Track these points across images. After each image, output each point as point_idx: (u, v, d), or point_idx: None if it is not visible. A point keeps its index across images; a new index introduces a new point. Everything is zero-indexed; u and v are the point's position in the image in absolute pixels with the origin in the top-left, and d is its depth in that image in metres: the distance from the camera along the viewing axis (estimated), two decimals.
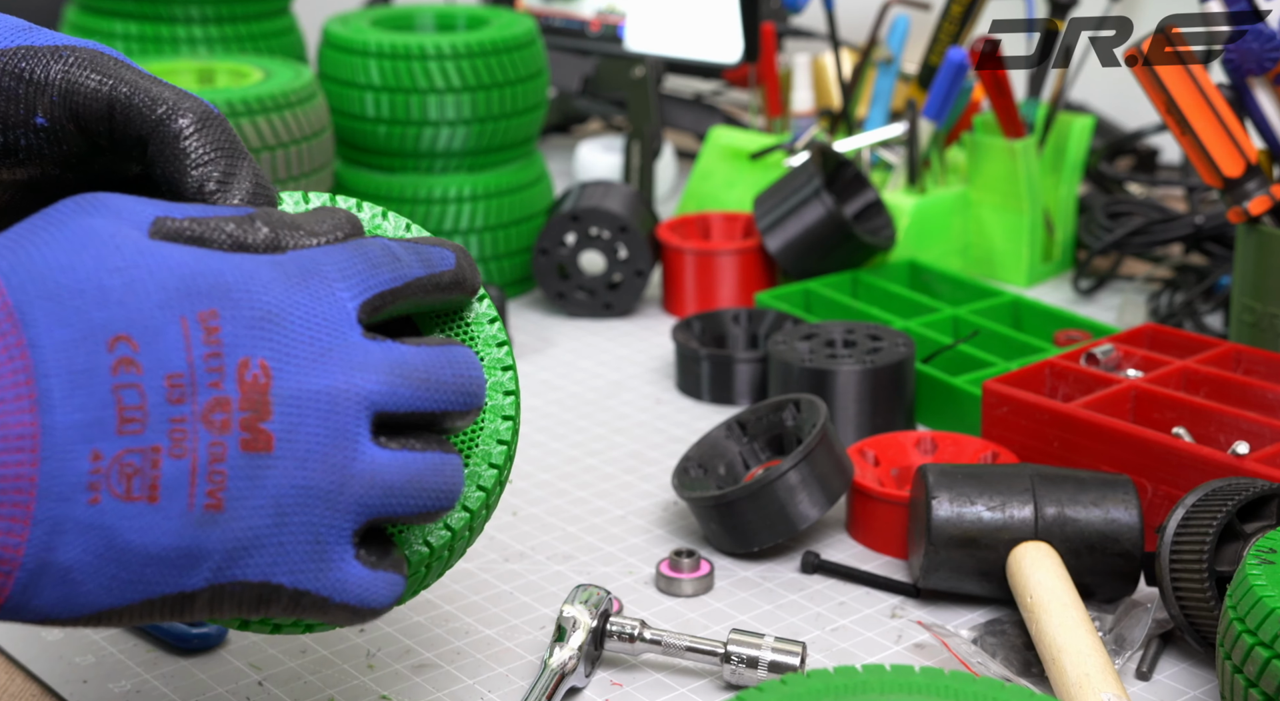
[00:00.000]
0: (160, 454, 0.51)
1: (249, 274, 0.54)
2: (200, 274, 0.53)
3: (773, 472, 0.86)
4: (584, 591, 0.78)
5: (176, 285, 0.52)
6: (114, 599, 0.52)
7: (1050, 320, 1.12)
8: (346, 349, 0.55)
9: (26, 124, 0.61)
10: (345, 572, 0.55)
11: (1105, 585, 0.82)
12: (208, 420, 0.51)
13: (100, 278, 0.51)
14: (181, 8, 1.36)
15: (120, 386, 0.50)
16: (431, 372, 0.57)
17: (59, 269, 0.51)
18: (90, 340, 0.50)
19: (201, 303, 0.52)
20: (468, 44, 1.22)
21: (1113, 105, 1.58)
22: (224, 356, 0.52)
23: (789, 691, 0.59)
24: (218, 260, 0.54)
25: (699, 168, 1.40)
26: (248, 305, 0.53)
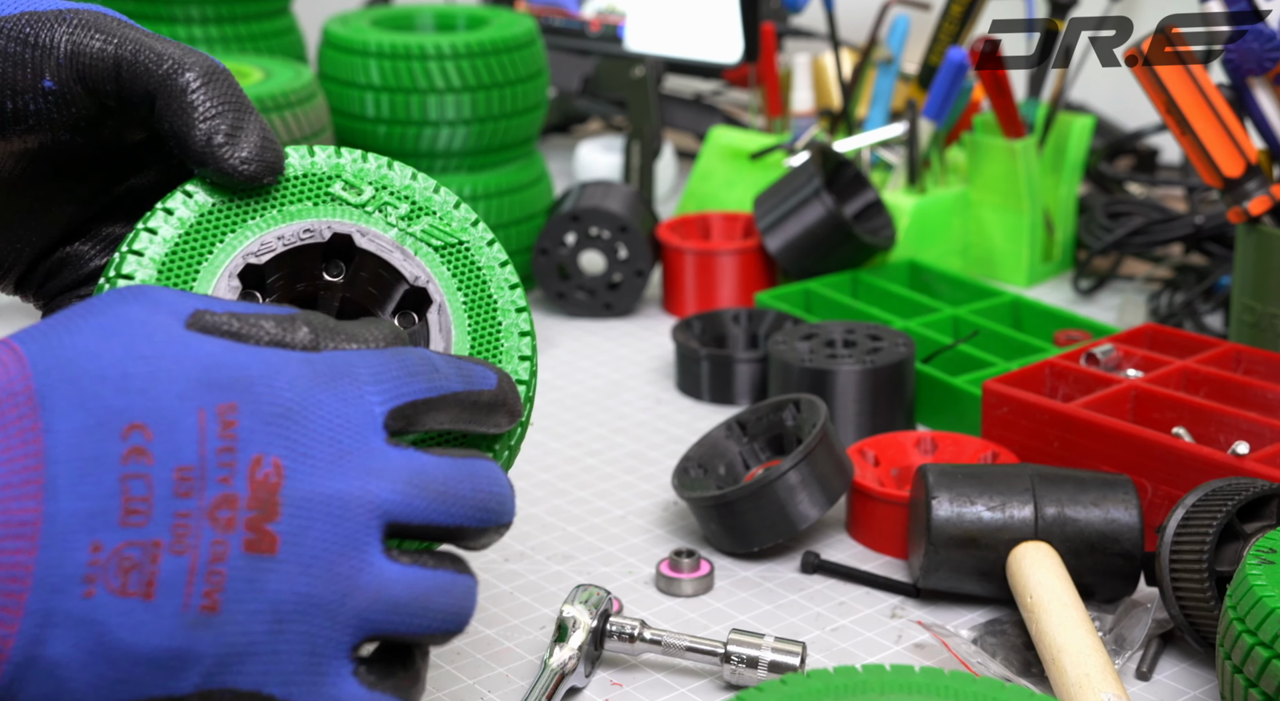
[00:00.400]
0: (160, 549, 0.49)
1: (275, 369, 0.52)
2: (226, 365, 0.52)
3: (773, 472, 0.86)
4: (584, 591, 0.78)
5: (200, 375, 0.51)
6: (101, 697, 0.50)
7: (1050, 320, 1.12)
8: (366, 454, 0.53)
9: (34, 88, 0.61)
10: (340, 689, 0.53)
11: (1105, 585, 0.82)
12: (213, 517, 0.50)
13: (125, 365, 0.50)
14: (181, 8, 1.36)
15: (128, 476, 0.49)
16: (450, 485, 0.54)
17: (85, 355, 0.50)
18: (104, 427, 0.49)
19: (222, 395, 0.51)
20: (468, 44, 1.22)
21: (1113, 105, 1.58)
22: (237, 452, 0.50)
23: (789, 691, 0.59)
24: (247, 354, 0.52)
25: (699, 168, 1.40)
26: (269, 400, 0.52)
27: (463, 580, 0.55)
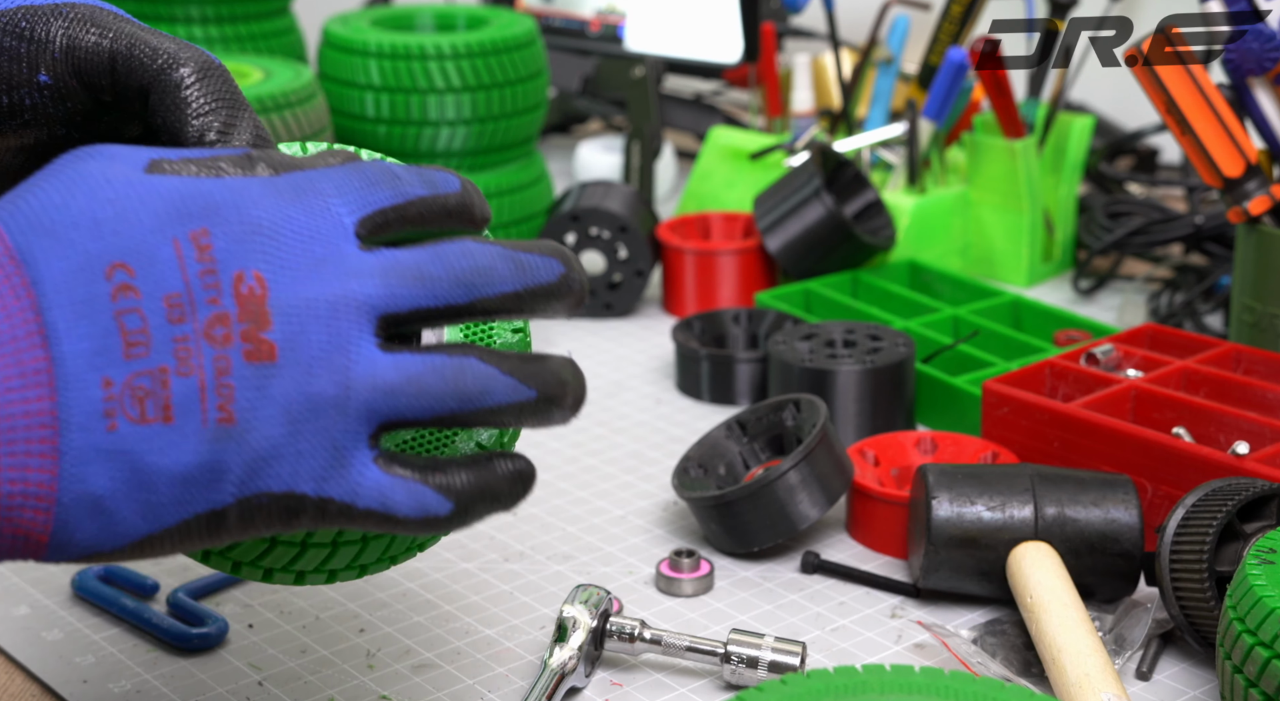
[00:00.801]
0: (168, 374, 0.51)
1: (239, 191, 0.54)
2: (190, 196, 0.53)
3: (773, 472, 0.86)
4: (584, 591, 0.78)
5: (167, 209, 0.52)
6: (151, 524, 0.52)
7: (1050, 320, 1.12)
8: (341, 258, 0.54)
9: (30, 82, 0.62)
10: (364, 476, 0.54)
11: (1105, 585, 0.82)
12: (210, 336, 0.52)
13: (94, 210, 0.52)
14: (181, 8, 1.36)
15: (122, 312, 0.51)
16: (424, 268, 0.56)
17: (54, 208, 0.51)
18: (88, 270, 0.50)
19: (192, 223, 0.52)
20: (468, 44, 1.22)
21: (1113, 105, 1.58)
22: (218, 273, 0.52)
23: (789, 691, 0.59)
24: (210, 184, 0.54)
25: (699, 168, 1.40)
26: (238, 220, 0.53)
27: (457, 361, 0.56)
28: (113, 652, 0.80)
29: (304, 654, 0.80)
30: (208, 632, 0.80)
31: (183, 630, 0.80)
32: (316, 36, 1.37)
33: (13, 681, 0.79)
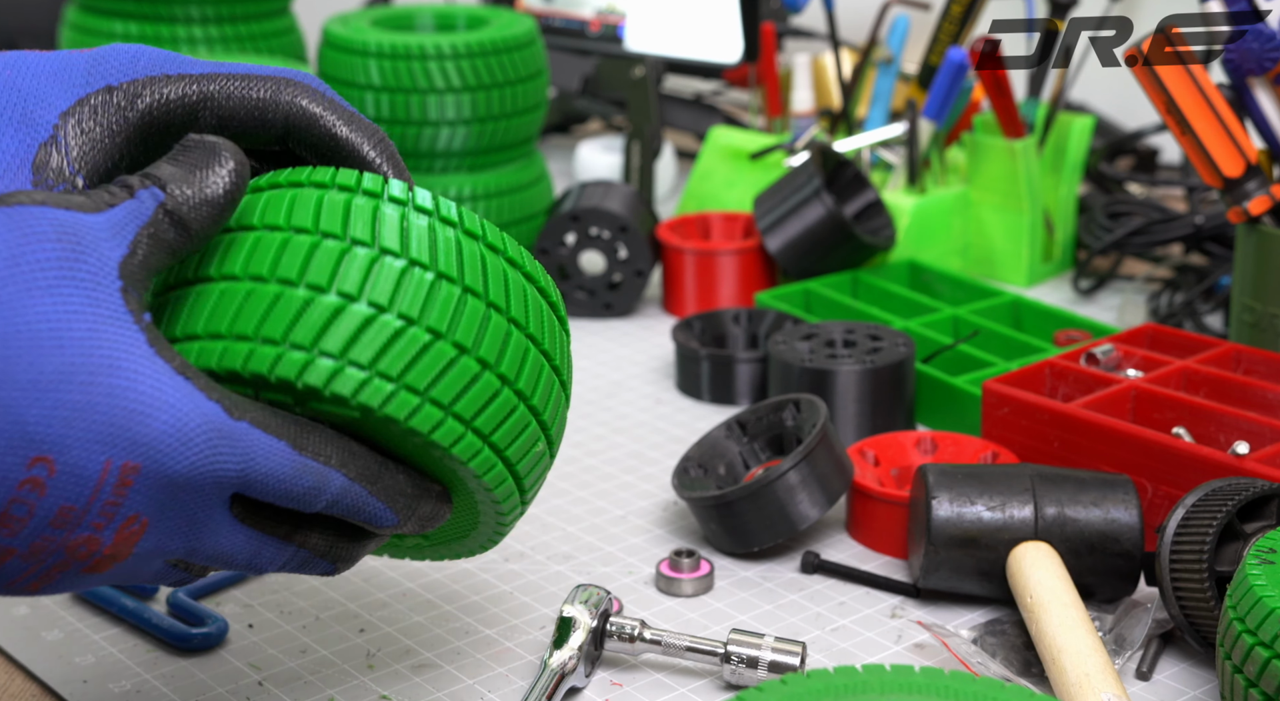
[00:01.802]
0: (12, 556, 0.53)
1: (182, 438, 0.55)
2: (145, 418, 0.54)
3: (773, 472, 0.86)
4: (584, 591, 0.78)
5: (121, 426, 0.53)
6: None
7: (1050, 320, 1.12)
8: (214, 526, 0.58)
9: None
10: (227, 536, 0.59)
11: (1105, 585, 0.82)
12: (71, 549, 0.54)
13: (58, 383, 0.52)
14: (181, 8, 1.36)
15: (15, 500, 0.52)
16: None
17: (19, 357, 0.52)
18: (14, 452, 0.51)
19: (133, 453, 0.53)
20: (468, 44, 1.22)
21: (1113, 105, 1.58)
22: (121, 508, 0.54)
23: (789, 691, 0.59)
24: (163, 408, 0.55)
25: (699, 168, 1.40)
26: (165, 473, 0.55)
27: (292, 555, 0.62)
28: (113, 652, 0.80)
29: (304, 654, 0.80)
30: (208, 632, 0.80)
31: (183, 630, 0.80)
32: (316, 36, 1.37)
33: (13, 681, 0.79)
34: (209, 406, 0.55)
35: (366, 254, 0.60)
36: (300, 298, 0.59)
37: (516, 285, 0.64)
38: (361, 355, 0.59)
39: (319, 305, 0.59)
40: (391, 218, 0.61)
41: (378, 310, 0.59)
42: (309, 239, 0.60)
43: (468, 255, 0.62)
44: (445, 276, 0.61)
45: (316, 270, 0.59)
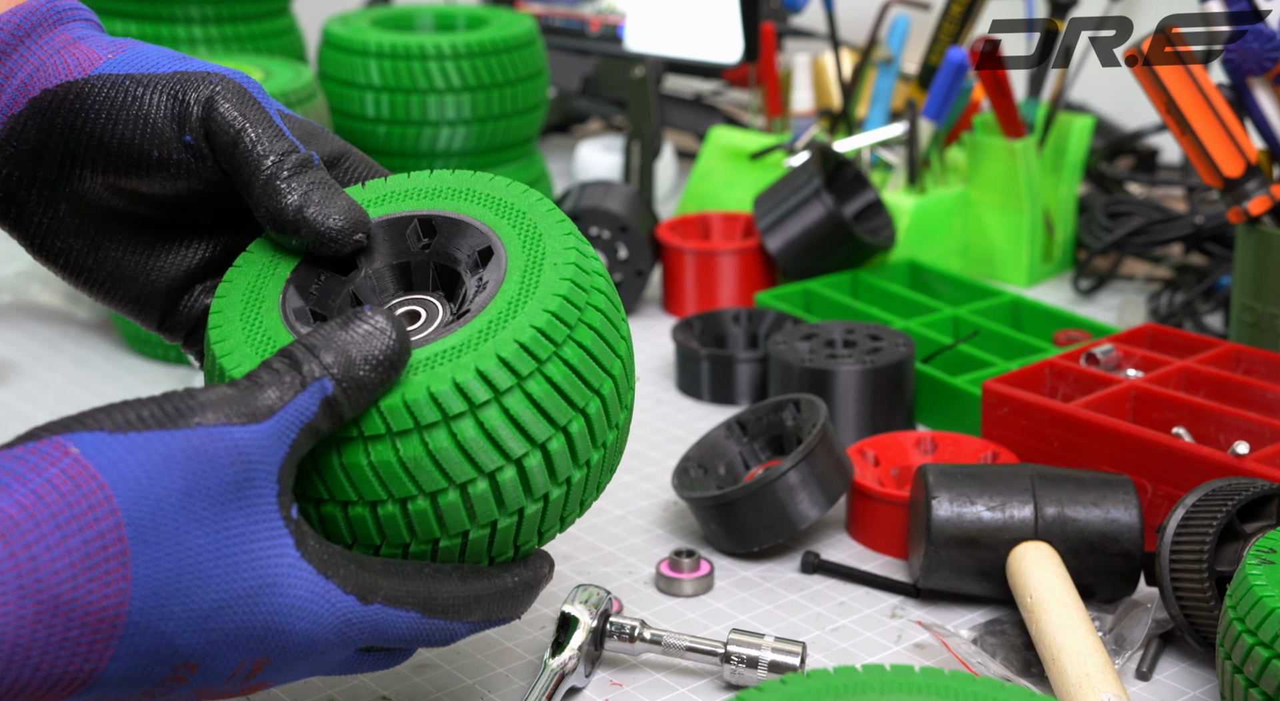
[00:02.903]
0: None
1: (314, 641, 0.59)
2: (281, 634, 0.58)
3: (773, 472, 0.86)
4: (584, 591, 0.78)
5: (258, 637, 0.57)
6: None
7: (1050, 320, 1.12)
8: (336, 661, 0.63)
9: (178, 141, 0.66)
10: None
11: (1105, 585, 0.82)
12: (201, 693, 0.59)
13: (210, 610, 0.56)
14: (181, 8, 1.36)
15: (156, 690, 0.56)
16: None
17: (180, 593, 0.55)
18: (160, 664, 0.55)
19: (265, 651, 0.58)
20: (468, 44, 1.22)
21: (1113, 105, 1.58)
22: (250, 681, 0.59)
23: (789, 691, 0.59)
24: (303, 621, 0.59)
25: (699, 168, 1.40)
26: (295, 655, 0.59)
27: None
28: None
29: None
30: None
31: None
32: (316, 36, 1.37)
33: None
34: (344, 602, 0.59)
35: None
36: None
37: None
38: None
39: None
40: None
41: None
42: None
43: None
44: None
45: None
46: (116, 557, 0.53)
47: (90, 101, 0.66)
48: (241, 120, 0.66)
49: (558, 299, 0.63)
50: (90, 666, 0.53)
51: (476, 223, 0.67)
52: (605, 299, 0.66)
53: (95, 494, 0.53)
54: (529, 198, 0.68)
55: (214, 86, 0.66)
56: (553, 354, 0.62)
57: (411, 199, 0.69)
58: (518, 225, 0.67)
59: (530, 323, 0.62)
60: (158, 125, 0.66)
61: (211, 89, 0.66)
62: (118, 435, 0.54)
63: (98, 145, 0.66)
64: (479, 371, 0.61)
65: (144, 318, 0.73)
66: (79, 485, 0.53)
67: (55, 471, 0.53)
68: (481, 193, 0.69)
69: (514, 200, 0.68)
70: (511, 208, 0.68)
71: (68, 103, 0.66)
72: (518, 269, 0.64)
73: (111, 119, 0.66)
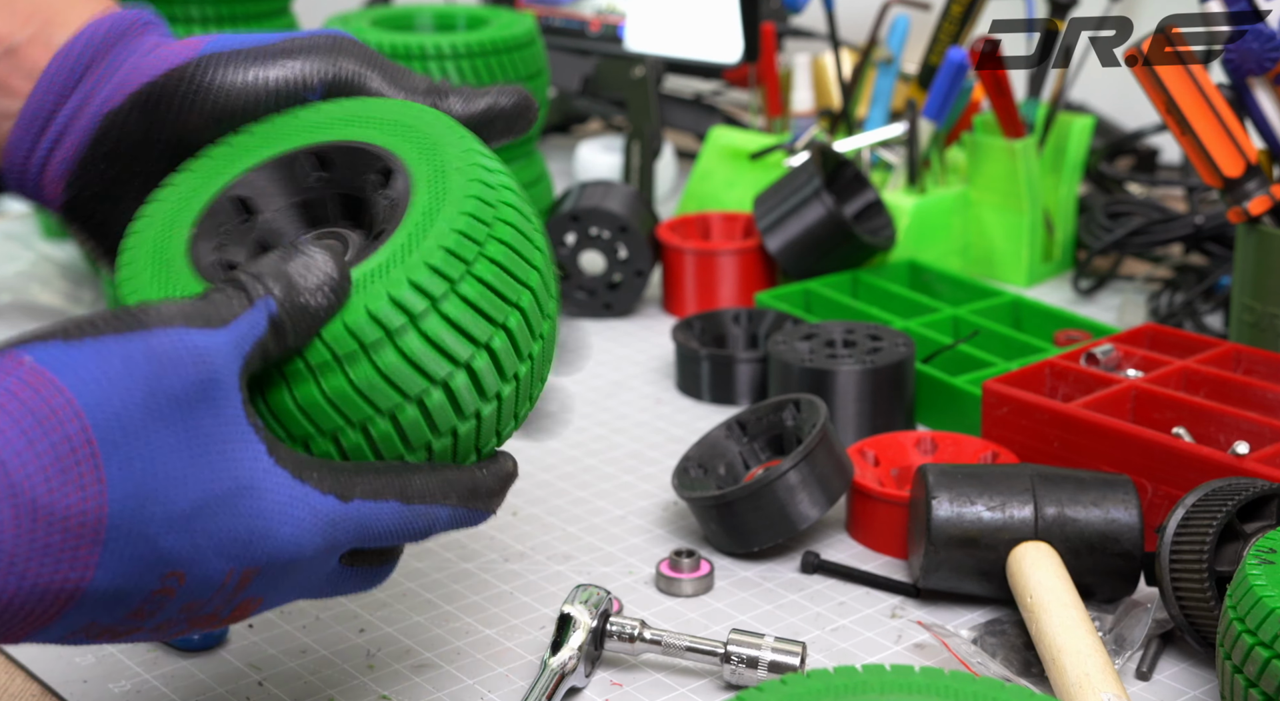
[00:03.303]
0: (140, 632, 0.58)
1: (306, 557, 0.59)
2: (268, 540, 0.58)
3: (773, 472, 0.86)
4: (584, 591, 0.78)
5: (245, 543, 0.57)
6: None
7: (1050, 320, 1.12)
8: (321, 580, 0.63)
9: (301, 99, 0.69)
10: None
11: (1105, 585, 0.82)
12: (192, 624, 0.59)
13: (194, 510, 0.56)
14: (181, 8, 1.36)
15: (147, 607, 0.56)
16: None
17: (158, 497, 0.55)
18: (150, 572, 0.55)
19: (254, 560, 0.58)
20: (468, 44, 1.22)
21: (1113, 105, 1.58)
22: (240, 596, 0.58)
23: (789, 691, 0.59)
24: (293, 534, 0.59)
25: (699, 168, 1.40)
26: (284, 574, 0.59)
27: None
28: (113, 652, 0.80)
29: (304, 654, 0.80)
30: (208, 632, 0.79)
31: None
32: None
33: (13, 681, 0.79)
34: (324, 503, 0.59)
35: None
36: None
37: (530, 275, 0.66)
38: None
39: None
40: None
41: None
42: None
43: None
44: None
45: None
46: (88, 460, 0.52)
47: (204, 79, 0.67)
48: (369, 66, 0.68)
49: (471, 200, 0.63)
50: (76, 574, 0.53)
51: (369, 146, 0.67)
52: (515, 196, 0.66)
53: (55, 397, 0.52)
54: (422, 113, 0.68)
55: (332, 40, 0.68)
56: (478, 254, 0.63)
57: (299, 134, 0.68)
58: (413, 140, 0.66)
59: (451, 227, 0.62)
60: (279, 83, 0.67)
61: (332, 41, 0.68)
62: (73, 343, 0.54)
63: (216, 117, 0.67)
64: (411, 282, 0.61)
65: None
66: (37, 391, 0.52)
67: (11, 380, 0.52)
68: (372, 116, 0.68)
69: (407, 118, 0.68)
70: (405, 126, 0.67)
71: (178, 87, 0.67)
72: (423, 180, 0.64)
73: (228, 89, 0.67)
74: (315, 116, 0.68)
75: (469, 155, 0.65)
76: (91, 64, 0.68)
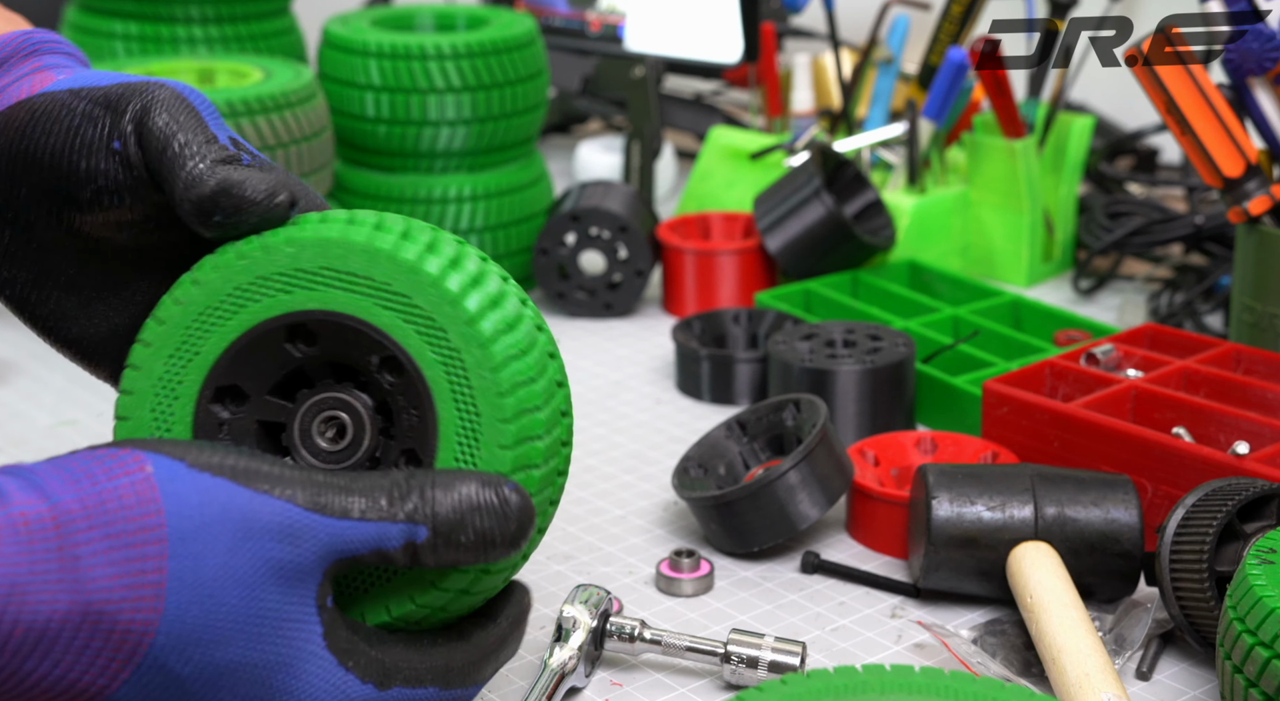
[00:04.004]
0: None
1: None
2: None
3: (773, 472, 0.86)
4: (584, 591, 0.78)
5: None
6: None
7: (1050, 320, 1.12)
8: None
9: (106, 148, 0.65)
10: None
11: (1105, 585, 0.82)
12: None
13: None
14: (181, 8, 1.36)
15: None
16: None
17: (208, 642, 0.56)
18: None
19: None
20: (468, 44, 1.22)
21: (1113, 105, 1.58)
22: None
23: (789, 691, 0.59)
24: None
25: (699, 168, 1.40)
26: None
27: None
28: None
29: None
30: None
31: None
32: (316, 36, 1.37)
33: None
34: (360, 691, 0.60)
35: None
36: None
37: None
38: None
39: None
40: None
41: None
42: None
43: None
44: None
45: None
46: (153, 586, 0.54)
47: (31, 117, 0.65)
48: (174, 126, 0.64)
49: (511, 431, 0.63)
50: (104, 682, 0.54)
51: (363, 324, 0.63)
52: (557, 362, 0.66)
53: (152, 516, 0.54)
54: (397, 266, 0.63)
55: (151, 94, 0.65)
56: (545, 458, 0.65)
57: (270, 295, 0.64)
58: (415, 322, 0.63)
59: (509, 457, 0.63)
60: (86, 134, 0.65)
61: (148, 96, 0.64)
62: (194, 471, 0.55)
63: (34, 160, 0.65)
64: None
65: (94, 366, 0.71)
66: (142, 502, 0.54)
67: (125, 481, 0.54)
68: (343, 271, 0.64)
69: (397, 283, 0.63)
70: (389, 291, 0.64)
71: (16, 121, 0.65)
72: (447, 403, 0.63)
73: (45, 131, 0.65)
74: (283, 261, 0.64)
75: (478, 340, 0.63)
76: None
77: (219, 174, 0.63)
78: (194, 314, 0.64)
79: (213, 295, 0.64)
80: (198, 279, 0.65)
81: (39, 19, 0.80)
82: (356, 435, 0.64)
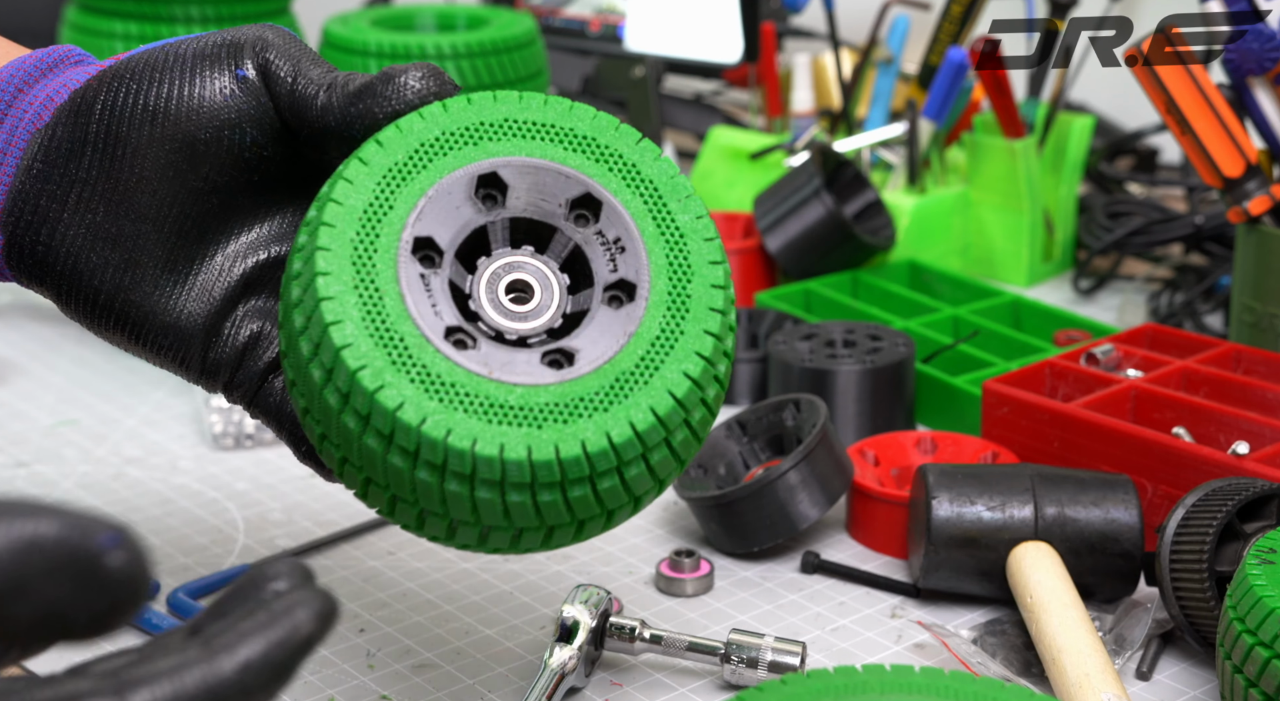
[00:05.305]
0: None
1: None
2: None
3: (773, 472, 0.86)
4: (584, 591, 0.78)
5: None
6: None
7: (1050, 320, 1.12)
8: None
9: (231, 74, 0.66)
10: None
11: (1105, 585, 0.82)
12: None
13: None
14: (181, 8, 1.36)
15: None
16: None
17: None
18: None
19: None
20: (468, 44, 1.22)
21: (1113, 105, 1.58)
22: None
23: (789, 691, 0.59)
24: None
25: (699, 168, 1.40)
26: None
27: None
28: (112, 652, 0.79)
29: None
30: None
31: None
32: (316, 36, 1.37)
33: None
34: None
35: None
36: None
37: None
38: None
39: None
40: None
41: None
42: None
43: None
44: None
45: None
46: None
47: (131, 72, 0.65)
48: (298, 52, 0.66)
49: (710, 340, 0.61)
50: None
51: (567, 171, 0.63)
52: (728, 278, 0.63)
53: None
54: (602, 125, 0.64)
55: (262, 30, 0.67)
56: (711, 377, 0.62)
57: (475, 140, 0.64)
58: (637, 188, 0.63)
59: (697, 350, 0.61)
60: (206, 67, 0.66)
61: (262, 31, 0.66)
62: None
63: (147, 108, 0.65)
64: (632, 426, 0.60)
65: (183, 354, 0.68)
66: None
67: None
68: (533, 123, 0.64)
69: (619, 148, 0.64)
70: (620, 159, 0.64)
71: (105, 87, 0.65)
72: (661, 276, 0.62)
73: (164, 70, 0.65)
74: (493, 111, 0.64)
75: (714, 264, 0.62)
76: (18, 95, 0.67)
77: (359, 77, 0.65)
78: (381, 171, 0.63)
79: (398, 152, 0.63)
80: (380, 140, 0.63)
81: (39, 19, 0.81)
82: (543, 297, 0.63)
